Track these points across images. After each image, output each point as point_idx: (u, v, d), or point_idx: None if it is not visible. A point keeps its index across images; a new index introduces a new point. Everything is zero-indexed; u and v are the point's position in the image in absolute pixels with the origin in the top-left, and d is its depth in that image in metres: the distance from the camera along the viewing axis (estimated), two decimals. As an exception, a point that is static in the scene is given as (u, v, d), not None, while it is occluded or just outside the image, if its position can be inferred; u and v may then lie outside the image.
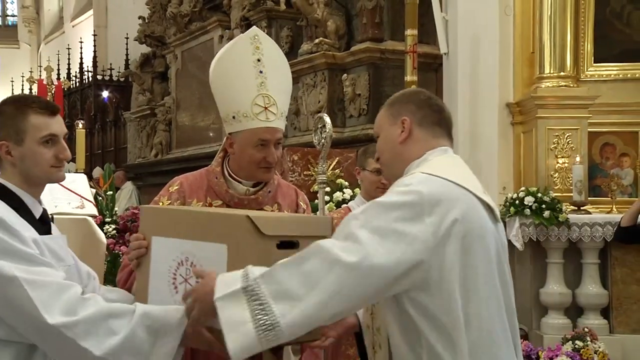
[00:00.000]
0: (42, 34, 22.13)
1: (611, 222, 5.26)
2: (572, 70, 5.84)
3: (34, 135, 1.94)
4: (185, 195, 2.35)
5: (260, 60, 2.29)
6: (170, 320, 1.85)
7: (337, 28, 7.87)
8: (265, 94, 2.27)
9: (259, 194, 2.35)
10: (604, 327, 5.32)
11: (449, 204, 1.74)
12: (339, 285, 1.63)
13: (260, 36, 2.34)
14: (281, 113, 2.31)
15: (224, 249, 1.86)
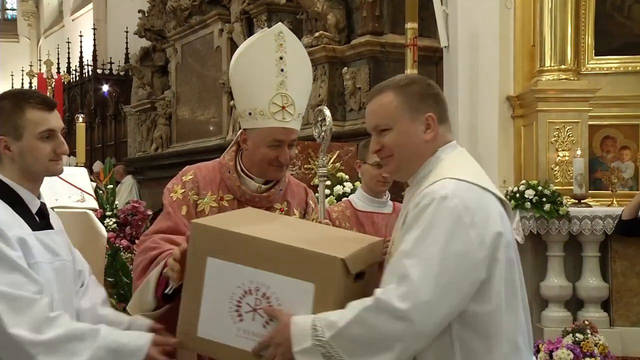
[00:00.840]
0: (42, 28, 22.08)
1: (612, 215, 5.27)
2: (572, 64, 5.83)
3: (33, 131, 1.94)
4: (200, 187, 2.32)
5: (282, 58, 2.26)
6: (134, 345, 1.87)
7: (337, 21, 7.85)
8: (284, 94, 2.25)
9: (271, 192, 2.34)
10: (604, 320, 5.33)
11: (486, 213, 1.75)
12: (405, 336, 1.67)
13: (285, 33, 2.30)
14: (298, 114, 2.28)
15: (311, 287, 1.77)
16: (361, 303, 1.71)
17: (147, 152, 12.23)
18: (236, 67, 2.33)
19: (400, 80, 1.94)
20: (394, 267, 1.72)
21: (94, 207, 3.95)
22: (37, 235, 1.93)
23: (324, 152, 3.08)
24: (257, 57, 2.28)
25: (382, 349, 1.66)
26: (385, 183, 3.26)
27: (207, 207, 2.29)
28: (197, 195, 2.30)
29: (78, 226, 3.68)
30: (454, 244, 1.68)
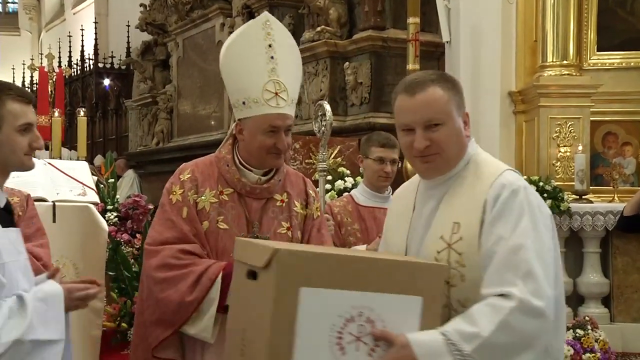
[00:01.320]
0: (43, 22, 22.05)
1: (613, 211, 5.26)
2: (574, 59, 5.82)
3: (12, 123, 1.92)
4: (198, 184, 2.31)
5: (271, 46, 2.29)
6: (49, 287, 1.96)
7: (339, 16, 7.83)
8: (276, 80, 2.26)
9: (271, 182, 2.34)
10: (604, 316, 5.33)
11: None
12: (543, 332, 1.70)
13: (272, 22, 2.34)
14: (292, 99, 2.30)
15: (419, 302, 1.67)
16: (495, 309, 1.65)
17: (148, 146, 12.23)
18: (226, 58, 2.34)
19: (443, 76, 1.91)
20: (512, 263, 1.69)
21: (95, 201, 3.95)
22: (4, 232, 1.90)
23: (325, 146, 3.08)
24: (246, 46, 2.30)
25: (523, 349, 1.67)
26: (387, 178, 3.26)
27: (207, 204, 2.28)
28: (197, 194, 2.29)
29: (79, 220, 3.68)
30: (546, 233, 1.78)
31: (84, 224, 3.68)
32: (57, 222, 3.58)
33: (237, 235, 2.18)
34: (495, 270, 1.70)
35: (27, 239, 2.65)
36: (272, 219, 2.32)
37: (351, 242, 3.23)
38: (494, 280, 1.69)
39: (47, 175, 3.83)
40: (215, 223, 2.27)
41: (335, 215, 3.26)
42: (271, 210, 2.32)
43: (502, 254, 1.71)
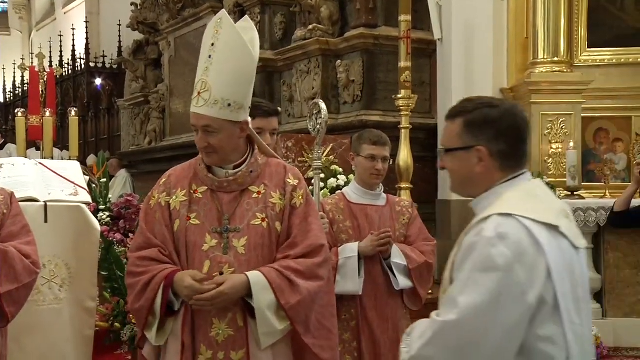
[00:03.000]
0: (34, 21, 21.94)
1: (604, 207, 5.29)
2: (566, 56, 5.84)
3: None
4: (171, 187, 2.40)
5: (214, 44, 2.29)
6: None
7: (331, 14, 7.82)
8: (204, 80, 2.29)
9: (238, 175, 2.35)
10: (597, 311, 5.36)
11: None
12: None
13: (223, 21, 2.30)
14: (215, 100, 2.26)
15: None
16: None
17: (140, 145, 12.19)
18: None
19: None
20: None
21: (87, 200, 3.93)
22: None
23: (319, 144, 3.08)
24: (202, 44, 2.34)
25: None
26: (378, 175, 3.26)
27: (177, 203, 2.37)
28: (168, 195, 2.38)
29: (71, 220, 3.67)
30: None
31: (76, 224, 3.67)
32: (49, 222, 3.56)
33: (208, 229, 2.29)
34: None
35: (14, 237, 2.65)
36: (246, 211, 2.32)
37: (343, 239, 3.24)
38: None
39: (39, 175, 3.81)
40: (186, 220, 2.33)
41: (328, 213, 3.26)
42: (246, 202, 2.34)
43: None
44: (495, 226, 1.68)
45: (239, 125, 2.32)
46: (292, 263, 2.27)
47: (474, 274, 1.66)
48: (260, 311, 2.19)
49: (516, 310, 1.64)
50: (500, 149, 1.78)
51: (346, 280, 3.12)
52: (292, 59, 8.14)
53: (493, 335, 1.64)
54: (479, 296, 1.63)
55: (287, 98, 8.31)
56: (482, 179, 1.81)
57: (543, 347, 1.67)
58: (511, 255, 1.64)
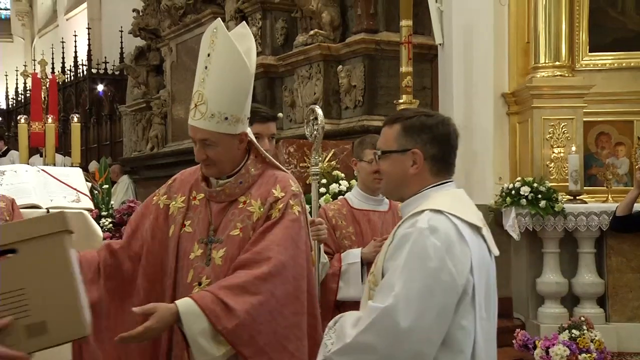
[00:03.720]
0: (36, 28, 22.00)
1: (607, 212, 5.27)
2: (567, 60, 5.84)
3: None
4: (173, 191, 2.41)
5: (210, 55, 2.24)
6: None
7: (332, 19, 7.84)
8: (200, 92, 2.25)
9: (225, 186, 2.32)
10: (600, 316, 5.34)
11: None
12: None
13: (218, 30, 2.25)
14: (212, 114, 2.22)
15: None
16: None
17: (142, 151, 12.21)
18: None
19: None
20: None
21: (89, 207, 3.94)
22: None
23: (317, 150, 3.08)
24: (200, 52, 2.30)
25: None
26: (380, 180, 3.26)
27: (175, 209, 2.37)
28: (169, 199, 2.39)
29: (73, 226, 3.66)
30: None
31: (78, 230, 3.66)
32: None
33: (197, 238, 2.28)
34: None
35: None
36: (229, 221, 2.29)
37: (346, 245, 3.23)
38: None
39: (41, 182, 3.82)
40: (180, 227, 2.33)
41: (330, 219, 3.26)
42: (230, 213, 2.31)
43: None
44: (427, 219, 1.83)
45: (237, 137, 2.29)
46: (232, 279, 2.15)
47: (409, 262, 1.79)
48: (192, 339, 2.09)
49: (447, 297, 1.79)
50: (433, 154, 1.94)
51: (349, 287, 3.12)
52: (294, 64, 8.16)
53: (428, 319, 1.76)
54: (414, 283, 1.77)
55: (288, 103, 8.32)
56: (415, 181, 1.96)
57: (459, 336, 1.82)
58: (441, 246, 1.80)
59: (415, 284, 1.76)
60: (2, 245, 1.86)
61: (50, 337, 1.88)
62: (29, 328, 1.86)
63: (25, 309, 1.86)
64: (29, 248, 1.88)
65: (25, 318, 1.85)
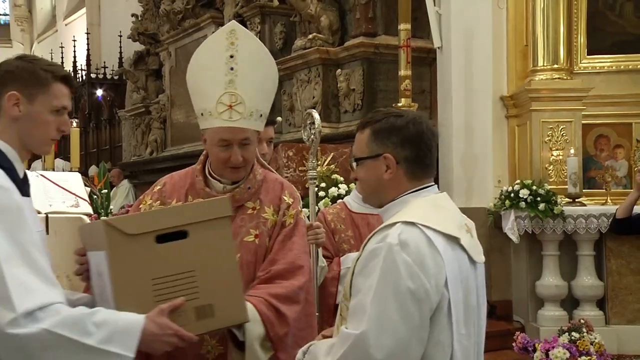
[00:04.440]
0: (35, 33, 22.04)
1: (606, 214, 5.28)
2: (565, 63, 5.85)
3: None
4: (166, 196, 2.35)
5: (233, 56, 2.21)
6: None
7: (331, 23, 7.85)
8: (232, 92, 2.20)
9: (236, 191, 2.29)
10: (599, 318, 5.34)
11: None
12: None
13: (237, 31, 2.25)
14: (250, 112, 2.21)
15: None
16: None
17: (142, 156, 12.21)
18: (190, 67, 2.32)
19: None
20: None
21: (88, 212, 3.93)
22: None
23: (314, 154, 3.07)
24: (208, 56, 2.26)
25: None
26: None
27: None
28: (163, 204, 2.32)
29: (72, 231, 3.66)
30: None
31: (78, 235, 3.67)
32: (50, 234, 3.56)
33: None
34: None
35: None
36: (240, 227, 2.26)
37: (345, 249, 3.23)
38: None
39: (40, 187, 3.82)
40: None
41: (329, 223, 3.26)
42: (240, 218, 2.28)
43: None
44: (398, 233, 1.73)
45: (258, 134, 2.32)
46: (278, 288, 2.18)
47: (380, 282, 1.70)
48: (250, 344, 2.09)
49: (421, 313, 1.69)
50: (406, 156, 1.84)
51: (348, 290, 3.12)
52: (293, 68, 8.16)
53: (403, 343, 1.68)
54: (387, 305, 1.68)
55: (287, 107, 8.32)
56: (391, 186, 1.86)
57: (433, 352, 1.73)
58: (412, 262, 1.70)
59: (388, 306, 1.68)
60: (173, 227, 1.89)
61: (216, 321, 1.91)
62: (197, 310, 1.88)
63: (195, 291, 1.88)
64: (198, 231, 1.90)
65: (195, 300, 1.88)
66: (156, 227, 1.87)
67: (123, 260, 1.83)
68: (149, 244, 1.85)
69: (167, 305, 1.84)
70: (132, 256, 1.83)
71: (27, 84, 1.90)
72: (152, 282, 1.85)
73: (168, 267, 1.87)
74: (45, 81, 1.91)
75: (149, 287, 1.85)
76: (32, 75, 1.91)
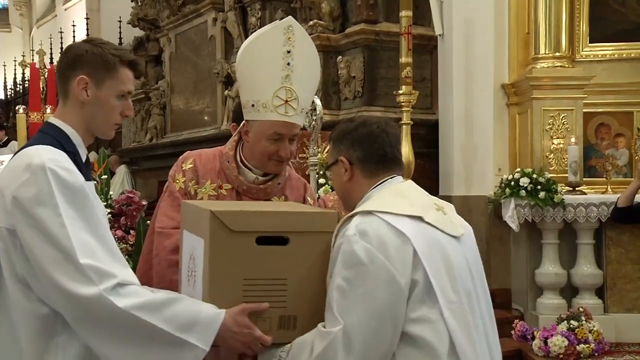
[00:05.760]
0: (34, 18, 21.91)
1: (606, 203, 5.28)
2: (567, 51, 5.83)
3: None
4: (199, 175, 2.34)
5: (290, 52, 2.24)
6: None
7: (332, 10, 7.81)
8: (289, 88, 2.24)
9: (268, 184, 2.33)
10: (598, 307, 5.35)
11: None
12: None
13: (294, 27, 2.28)
14: (302, 109, 2.27)
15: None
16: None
17: (141, 142, 12.19)
18: (242, 57, 2.32)
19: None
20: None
21: (88, 197, 3.92)
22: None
23: (315, 141, 3.08)
24: (264, 49, 2.26)
25: None
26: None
27: (205, 195, 2.31)
28: (197, 184, 2.32)
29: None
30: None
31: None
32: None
33: None
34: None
35: None
36: None
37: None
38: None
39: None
40: None
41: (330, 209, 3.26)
42: None
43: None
44: (356, 224, 1.79)
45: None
46: None
47: (343, 274, 1.75)
48: None
49: (390, 294, 1.72)
50: (357, 156, 1.94)
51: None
52: (293, 55, 8.13)
53: (377, 323, 1.71)
54: (353, 294, 1.72)
55: (287, 94, 8.30)
56: (354, 188, 1.96)
57: (417, 330, 1.74)
58: (372, 247, 1.74)
59: (356, 297, 1.72)
60: (276, 232, 1.86)
61: (296, 334, 1.86)
62: (281, 319, 1.87)
63: (283, 300, 1.86)
64: (299, 240, 1.87)
65: (281, 309, 1.86)
66: (260, 228, 1.85)
67: (221, 254, 1.82)
68: (249, 244, 1.83)
69: (251, 305, 1.83)
70: (231, 252, 1.82)
71: (96, 69, 1.90)
72: (244, 281, 1.83)
73: (262, 270, 1.85)
74: (113, 66, 1.91)
75: (240, 285, 1.83)
76: (101, 59, 1.90)
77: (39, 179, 1.74)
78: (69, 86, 1.90)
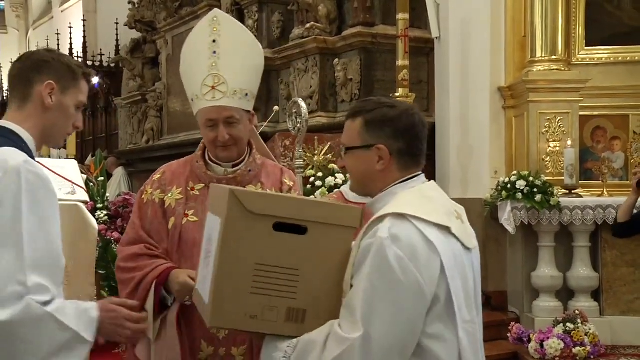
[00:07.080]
0: (31, 19, 21.90)
1: (602, 206, 5.30)
2: (563, 54, 5.84)
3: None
4: (166, 184, 2.39)
5: (215, 41, 2.31)
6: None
7: (329, 12, 7.82)
8: (215, 74, 2.29)
9: (237, 173, 2.36)
10: (594, 309, 5.36)
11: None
12: None
13: (219, 17, 2.35)
14: (234, 91, 2.28)
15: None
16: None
17: (138, 144, 12.18)
18: (181, 58, 2.42)
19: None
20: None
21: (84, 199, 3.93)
22: None
23: (300, 143, 3.07)
24: (193, 44, 2.36)
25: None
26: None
27: (172, 200, 2.36)
28: (163, 192, 2.37)
29: (69, 219, 3.67)
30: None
31: (74, 222, 3.67)
32: (47, 221, 3.56)
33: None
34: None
35: None
36: None
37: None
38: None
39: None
40: (182, 218, 2.32)
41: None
42: None
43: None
44: (389, 227, 1.70)
45: (249, 115, 2.37)
46: None
47: (372, 278, 1.67)
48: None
49: (417, 306, 1.67)
50: (399, 147, 1.81)
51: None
52: (290, 57, 8.13)
53: (400, 334, 1.65)
54: (381, 302, 1.65)
55: (284, 97, 8.30)
56: (381, 177, 1.84)
57: (431, 345, 1.69)
58: (404, 255, 1.66)
59: (382, 303, 1.65)
60: (295, 219, 1.77)
61: (303, 329, 1.78)
62: (289, 311, 1.78)
63: (294, 291, 1.77)
64: (319, 232, 1.78)
65: (290, 300, 1.77)
66: (279, 213, 1.76)
67: (236, 235, 1.74)
68: (266, 228, 1.74)
69: (119, 300, 1.90)
70: (246, 234, 1.74)
71: (63, 76, 1.92)
72: (255, 266, 1.75)
73: (276, 257, 1.76)
74: (77, 76, 1.95)
75: (251, 270, 1.74)
76: (68, 68, 1.94)
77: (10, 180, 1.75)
78: (32, 90, 1.89)
